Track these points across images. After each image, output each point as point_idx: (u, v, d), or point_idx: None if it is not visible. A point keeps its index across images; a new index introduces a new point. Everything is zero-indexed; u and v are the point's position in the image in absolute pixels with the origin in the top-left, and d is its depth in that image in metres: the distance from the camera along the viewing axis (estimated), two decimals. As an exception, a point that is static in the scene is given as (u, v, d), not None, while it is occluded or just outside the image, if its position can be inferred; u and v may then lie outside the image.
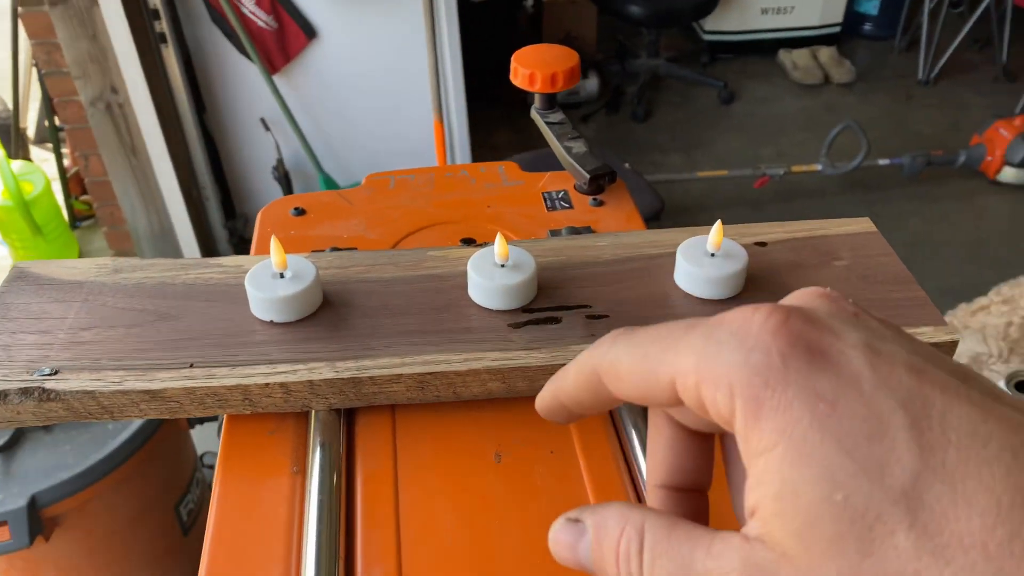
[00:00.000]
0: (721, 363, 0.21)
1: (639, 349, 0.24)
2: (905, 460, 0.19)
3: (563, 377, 0.28)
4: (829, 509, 0.19)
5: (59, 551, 1.23)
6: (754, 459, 0.21)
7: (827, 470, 0.19)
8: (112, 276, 0.52)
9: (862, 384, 0.20)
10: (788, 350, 0.21)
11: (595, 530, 0.24)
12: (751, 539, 0.21)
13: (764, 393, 0.20)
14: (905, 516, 0.18)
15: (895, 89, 3.13)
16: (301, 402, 0.46)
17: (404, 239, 0.61)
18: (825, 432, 0.19)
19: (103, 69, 1.94)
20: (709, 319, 0.23)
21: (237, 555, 0.40)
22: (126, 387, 0.44)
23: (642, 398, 0.24)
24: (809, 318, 0.21)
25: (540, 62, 0.64)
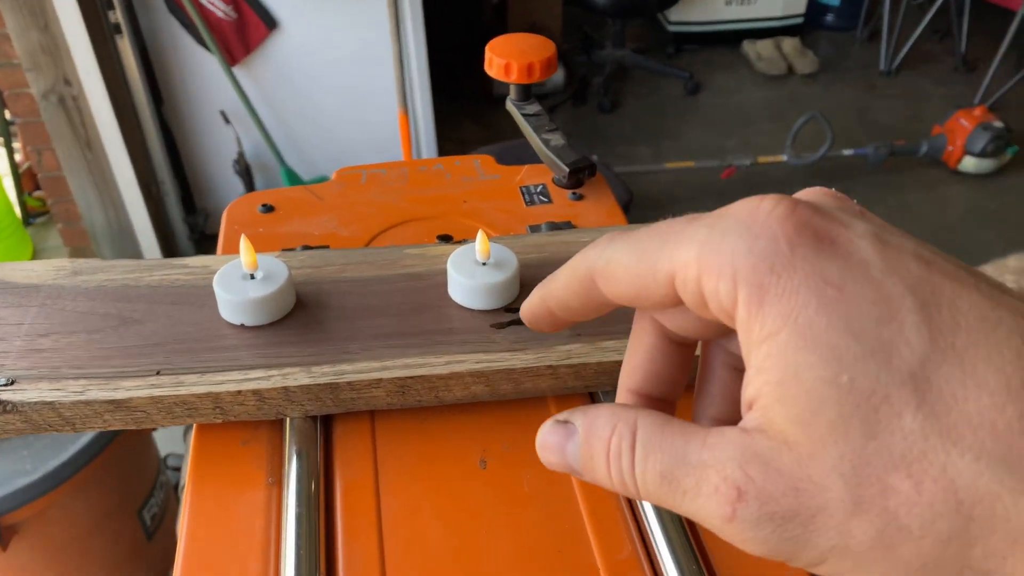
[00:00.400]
0: (725, 251, 0.20)
1: (637, 246, 0.23)
2: (914, 342, 0.18)
3: (553, 281, 0.27)
4: (834, 392, 0.19)
5: (18, 559, 1.19)
6: (756, 347, 0.20)
7: (833, 352, 0.19)
8: (71, 279, 0.49)
9: (871, 270, 0.19)
10: (796, 237, 0.20)
11: (585, 429, 0.24)
12: (749, 430, 0.20)
13: (769, 279, 0.20)
14: (912, 397, 0.18)
15: (858, 80, 3.16)
16: (275, 410, 0.43)
17: (378, 236, 0.58)
18: (832, 315, 0.19)
19: (55, 60, 1.88)
20: (712, 212, 0.22)
21: (210, 571, 0.38)
22: (89, 397, 0.42)
23: (637, 298, 0.24)
24: (816, 209, 0.21)
25: (516, 52, 0.62)
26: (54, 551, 1.22)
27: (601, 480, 0.23)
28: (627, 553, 0.39)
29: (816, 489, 0.19)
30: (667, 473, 0.21)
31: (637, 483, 0.22)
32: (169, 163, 2.15)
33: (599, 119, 2.96)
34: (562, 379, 0.45)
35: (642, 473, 0.22)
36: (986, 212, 2.42)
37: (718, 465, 0.20)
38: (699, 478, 0.21)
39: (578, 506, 0.41)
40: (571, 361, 0.44)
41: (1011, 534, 0.17)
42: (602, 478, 0.23)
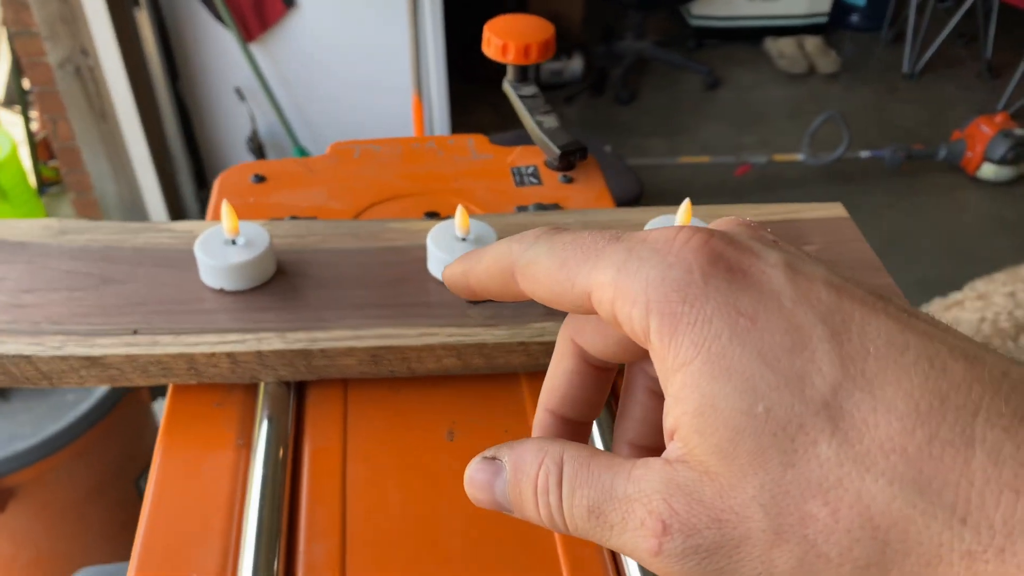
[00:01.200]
0: (640, 278, 0.21)
1: (558, 255, 0.23)
2: (826, 371, 0.19)
3: (477, 260, 0.27)
4: (750, 422, 0.19)
5: (16, 522, 1.21)
6: (671, 375, 0.20)
7: (748, 382, 0.19)
8: (58, 238, 0.50)
9: (782, 299, 0.20)
10: (708, 268, 0.20)
11: (512, 465, 0.24)
12: (672, 461, 0.20)
13: (681, 308, 0.20)
14: (827, 425, 0.18)
15: (879, 81, 3.13)
16: (249, 373, 0.44)
17: (366, 210, 0.59)
18: (746, 345, 0.19)
19: (73, 30, 1.89)
20: (634, 234, 0.22)
21: (175, 528, 0.39)
22: (65, 352, 0.42)
23: (553, 302, 0.24)
24: (731, 240, 0.21)
25: (514, 32, 0.62)
26: (52, 515, 1.24)
27: (530, 516, 0.23)
28: (586, 529, 0.39)
29: (738, 520, 0.19)
30: (594, 508, 0.21)
31: (565, 519, 0.22)
32: (183, 138, 2.16)
33: (616, 110, 2.95)
34: (534, 356, 0.45)
35: (569, 508, 0.22)
36: (1003, 220, 2.40)
37: (643, 498, 0.20)
38: (625, 512, 0.21)
39: (542, 481, 0.41)
40: (543, 338, 0.44)
41: (924, 557, 0.18)
42: (531, 514, 0.23)
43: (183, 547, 0.38)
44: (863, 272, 0.49)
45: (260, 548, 0.37)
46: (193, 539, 0.38)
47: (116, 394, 1.24)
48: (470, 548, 0.39)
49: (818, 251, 0.50)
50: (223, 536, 0.39)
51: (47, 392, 1.23)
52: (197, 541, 0.38)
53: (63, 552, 1.28)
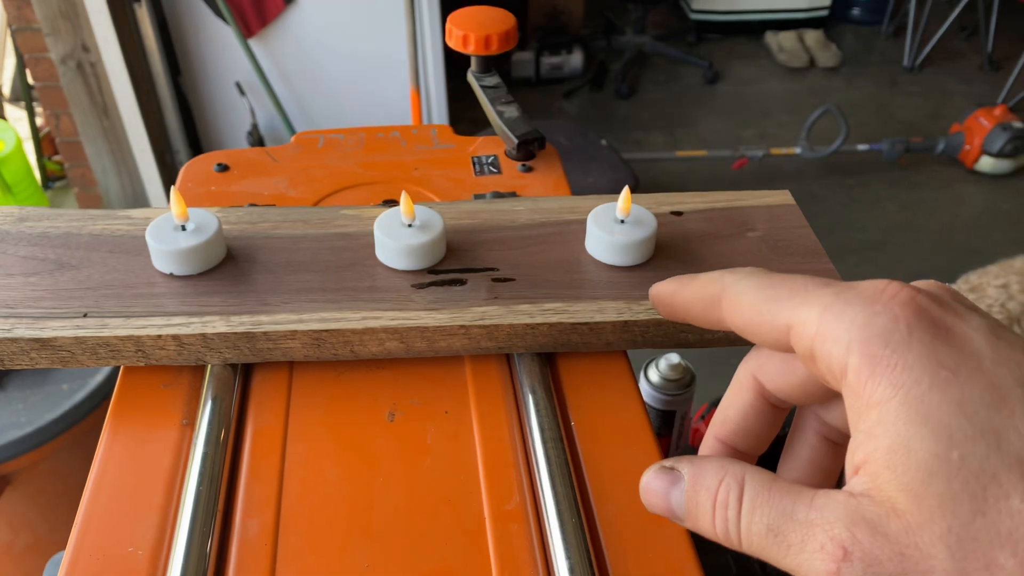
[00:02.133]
0: (844, 320, 0.22)
1: (768, 290, 0.25)
2: (1023, 430, 0.20)
3: (688, 283, 0.29)
4: (944, 466, 0.20)
5: (11, 509, 1.23)
6: (865, 412, 0.21)
7: (945, 429, 0.20)
8: (16, 224, 0.51)
9: (983, 360, 0.21)
10: (914, 321, 0.21)
11: (692, 478, 0.25)
12: (857, 495, 0.21)
13: (883, 352, 0.21)
14: (1021, 481, 0.19)
15: (880, 75, 3.12)
16: (195, 356, 0.45)
17: (326, 198, 0.60)
18: (945, 394, 0.20)
19: (74, 26, 1.91)
20: (844, 282, 0.24)
21: (116, 504, 0.40)
22: (15, 335, 0.44)
23: (751, 333, 0.26)
24: (937, 299, 0.23)
25: (475, 24, 0.63)
26: (48, 502, 1.26)
27: (704, 528, 0.25)
28: (515, 504, 0.40)
29: (922, 556, 0.20)
30: (774, 527, 0.22)
31: (741, 534, 0.23)
32: (184, 132, 2.18)
33: (616, 105, 2.95)
34: (475, 339, 0.46)
35: (748, 525, 0.23)
36: (1000, 213, 2.39)
37: (825, 524, 0.21)
38: (805, 535, 0.22)
39: (476, 459, 0.43)
40: (484, 322, 0.45)
41: None
42: (705, 526, 0.25)
43: (122, 522, 0.39)
44: (804, 258, 0.50)
45: (195, 523, 0.38)
46: (132, 515, 0.40)
47: (111, 383, 1.26)
48: (402, 526, 0.40)
49: (760, 237, 0.51)
50: (162, 512, 0.40)
51: (42, 381, 1.25)
52: (136, 517, 0.40)
53: (59, 539, 1.30)
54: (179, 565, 0.37)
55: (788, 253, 0.50)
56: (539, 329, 0.46)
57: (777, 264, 0.49)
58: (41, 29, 1.92)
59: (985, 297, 1.70)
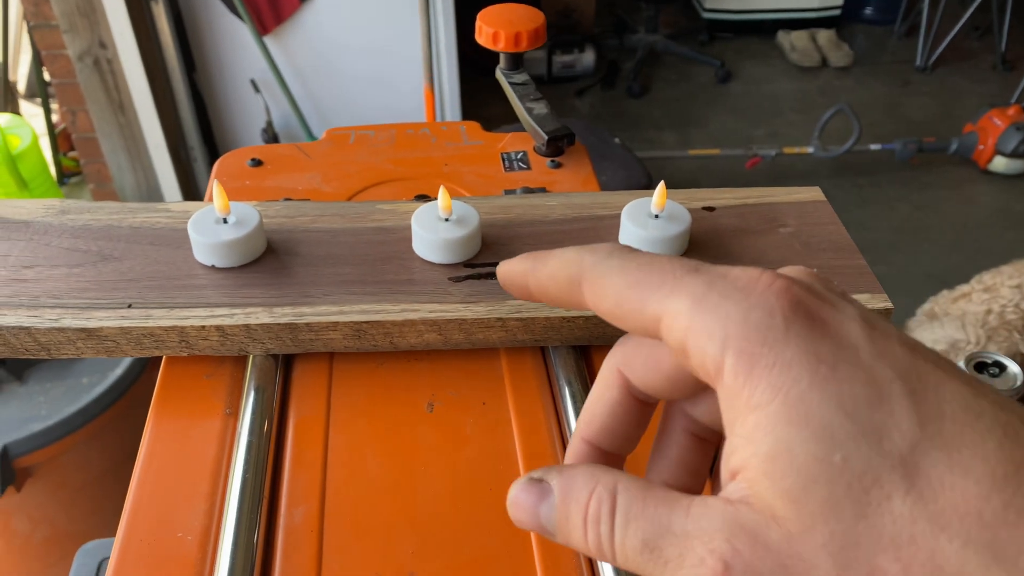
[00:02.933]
0: (719, 314, 0.21)
1: (632, 274, 0.23)
2: (904, 427, 0.19)
3: (542, 262, 0.27)
4: (826, 470, 0.19)
5: (31, 501, 1.24)
6: (743, 416, 0.20)
7: (826, 430, 0.19)
8: (59, 217, 0.52)
9: (860, 353, 0.20)
10: (791, 313, 0.20)
11: (561, 491, 0.23)
12: (734, 501, 0.20)
13: (761, 350, 0.20)
14: (902, 481, 0.18)
15: (892, 74, 3.12)
16: (238, 346, 0.46)
17: (359, 193, 0.61)
18: (825, 393, 0.19)
19: (92, 23, 1.92)
20: (713, 267, 0.22)
21: (163, 491, 0.41)
22: (62, 324, 0.44)
23: (618, 320, 0.24)
24: (811, 289, 0.22)
25: (505, 21, 0.64)
26: (67, 495, 1.27)
27: (576, 543, 0.23)
28: (554, 495, 0.41)
29: (804, 567, 0.19)
30: (649, 542, 0.21)
31: (616, 549, 0.22)
32: (199, 129, 2.19)
33: (627, 103, 2.95)
34: (511, 331, 0.47)
35: (622, 540, 0.22)
36: (1013, 213, 2.39)
37: (703, 536, 0.20)
38: (683, 549, 0.20)
39: (515, 449, 0.43)
40: (521, 315, 0.46)
41: None
42: (577, 541, 0.23)
43: (170, 509, 0.40)
44: (836, 254, 0.50)
45: (243, 511, 0.39)
46: (180, 502, 0.40)
47: (130, 377, 1.27)
48: (444, 515, 0.40)
49: (792, 233, 0.52)
50: (208, 499, 0.41)
51: (63, 375, 1.26)
52: (184, 504, 0.40)
53: (78, 531, 1.32)
54: (228, 551, 0.37)
55: (820, 249, 0.51)
56: (575, 322, 0.47)
57: (811, 260, 0.50)
58: (59, 26, 1.93)
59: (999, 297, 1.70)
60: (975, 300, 1.71)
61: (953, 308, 1.71)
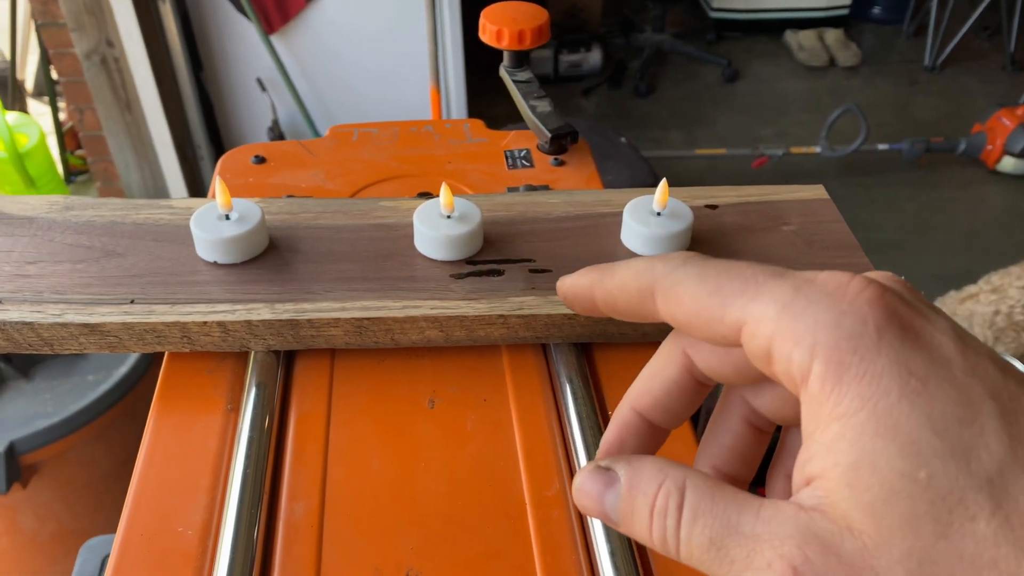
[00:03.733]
0: (808, 320, 0.20)
1: (713, 280, 0.23)
2: (993, 448, 0.18)
3: (609, 274, 0.26)
4: (909, 485, 0.18)
5: (37, 498, 1.24)
6: (826, 423, 0.20)
7: (913, 445, 0.19)
8: (63, 213, 0.52)
9: (953, 368, 0.20)
10: (884, 323, 0.20)
11: (628, 481, 0.23)
12: (807, 509, 0.20)
13: (851, 358, 0.20)
14: (988, 503, 0.18)
15: (900, 74, 3.11)
16: (240, 342, 0.46)
17: (362, 190, 0.61)
18: (915, 407, 0.19)
19: (99, 22, 1.93)
20: (799, 273, 0.22)
21: (164, 485, 0.41)
22: (65, 320, 0.45)
23: (695, 328, 0.24)
24: (903, 298, 0.21)
25: (508, 19, 0.64)
26: (73, 492, 1.27)
27: (640, 535, 0.23)
28: (555, 490, 0.41)
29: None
30: (716, 540, 0.21)
31: (681, 545, 0.22)
32: (205, 128, 2.19)
33: (634, 103, 2.95)
34: (513, 328, 0.47)
35: (688, 536, 0.21)
36: (1022, 214, 2.38)
37: (774, 540, 0.20)
38: (751, 550, 0.20)
39: (516, 446, 0.43)
40: (522, 312, 0.46)
41: None
42: (641, 533, 0.23)
43: (171, 504, 0.40)
44: (838, 252, 0.50)
45: (243, 506, 0.39)
46: (181, 497, 0.41)
47: (136, 375, 1.28)
48: (445, 511, 0.40)
49: (795, 231, 0.52)
50: (209, 494, 0.41)
51: (69, 372, 1.27)
52: (185, 499, 0.40)
53: (83, 528, 1.32)
54: (228, 546, 0.37)
55: (823, 247, 0.51)
56: (576, 320, 0.46)
57: (812, 258, 0.50)
58: (66, 24, 1.94)
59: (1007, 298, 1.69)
60: (983, 301, 1.70)
61: (960, 309, 1.71)
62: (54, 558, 1.34)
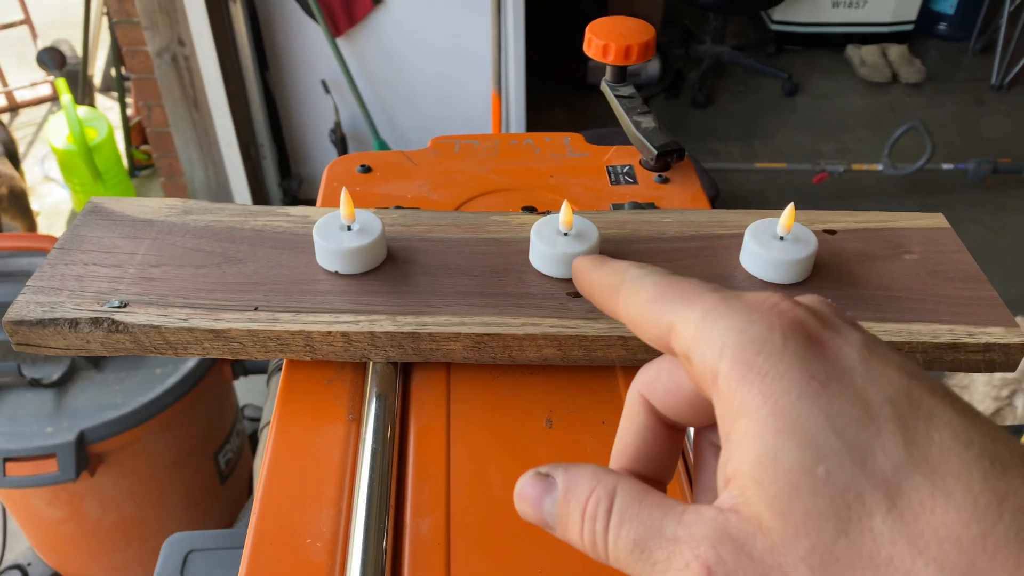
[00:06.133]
0: (722, 325, 0.22)
1: (660, 288, 0.25)
2: (889, 448, 0.19)
3: (598, 266, 0.29)
4: (809, 481, 0.19)
5: (102, 487, 1.27)
6: (734, 421, 0.21)
7: (812, 441, 0.19)
8: (182, 217, 0.53)
9: (855, 375, 0.20)
10: (790, 331, 0.21)
11: (565, 486, 0.24)
12: (725, 510, 0.21)
13: (755, 359, 0.21)
14: (884, 500, 0.19)
15: (966, 92, 3.05)
16: (360, 352, 0.46)
17: (466, 203, 0.61)
18: (814, 407, 0.20)
19: (172, 21, 1.96)
20: (732, 291, 0.24)
21: (290, 495, 0.41)
22: (192, 324, 0.45)
23: (638, 328, 0.26)
24: (814, 312, 0.22)
25: (615, 34, 0.63)
26: (136, 482, 1.29)
27: (572, 539, 0.24)
28: (681, 519, 0.40)
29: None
30: (640, 542, 0.22)
31: (608, 547, 0.23)
32: (269, 128, 2.22)
33: (691, 113, 2.93)
34: (632, 351, 0.46)
35: (615, 539, 0.22)
36: (1092, 239, 2.31)
37: (692, 542, 0.21)
38: (671, 552, 0.21)
39: (637, 471, 0.43)
40: (643, 334, 0.46)
41: None
42: (573, 536, 0.24)
43: (298, 514, 0.40)
44: (964, 284, 0.49)
45: (371, 519, 0.39)
46: (308, 507, 0.41)
47: (201, 370, 1.30)
48: (567, 531, 0.40)
49: (917, 261, 0.51)
50: (335, 506, 0.41)
51: (138, 364, 1.29)
52: (311, 509, 0.41)
53: (144, 518, 1.34)
54: (358, 560, 0.38)
55: (948, 278, 0.50)
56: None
57: (937, 289, 0.49)
58: (140, 22, 1.98)
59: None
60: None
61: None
62: (115, 547, 1.37)
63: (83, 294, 0.47)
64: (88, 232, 0.51)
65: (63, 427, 1.18)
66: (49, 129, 2.23)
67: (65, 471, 1.17)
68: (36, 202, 2.43)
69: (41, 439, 1.16)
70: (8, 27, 2.98)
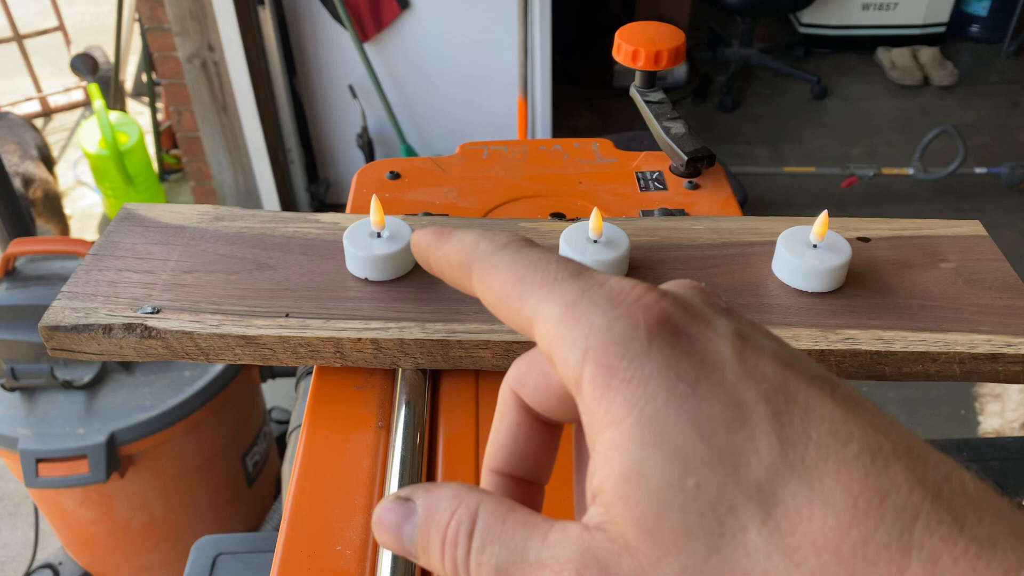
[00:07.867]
0: (583, 324, 0.20)
1: (519, 271, 0.22)
2: (763, 452, 0.18)
3: (442, 241, 0.26)
4: (678, 496, 0.18)
5: (132, 488, 1.28)
6: (600, 432, 0.19)
7: (679, 452, 0.18)
8: (213, 223, 0.53)
9: (726, 371, 0.19)
10: (655, 327, 0.19)
11: (425, 510, 0.22)
12: (591, 528, 0.19)
13: (620, 363, 0.19)
14: (758, 511, 0.17)
15: (999, 95, 3.00)
16: (390, 359, 0.46)
17: (495, 209, 0.61)
18: (681, 412, 0.18)
19: (202, 27, 1.99)
20: (594, 275, 0.21)
21: (320, 502, 0.41)
22: (223, 331, 0.45)
23: (500, 315, 0.23)
24: (683, 304, 0.20)
25: (645, 39, 0.63)
26: (165, 483, 1.31)
27: (434, 567, 0.22)
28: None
29: None
30: (503, 568, 0.20)
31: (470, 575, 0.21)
32: (297, 132, 2.24)
33: (719, 117, 2.91)
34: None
35: (476, 565, 0.21)
36: None
37: (555, 566, 0.19)
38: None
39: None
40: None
41: None
42: (435, 565, 0.22)
43: (329, 521, 0.40)
44: (1002, 293, 0.48)
45: (400, 525, 0.39)
46: (338, 514, 0.41)
47: (230, 373, 1.31)
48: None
49: (954, 269, 0.50)
50: (365, 513, 0.41)
51: (168, 367, 1.30)
52: (341, 516, 0.41)
53: (173, 519, 1.36)
54: (387, 567, 0.37)
55: (985, 288, 0.49)
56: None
57: (975, 299, 0.48)
58: (171, 29, 2.00)
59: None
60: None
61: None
62: (143, 547, 1.38)
63: (117, 300, 0.47)
64: (122, 238, 0.52)
65: (94, 429, 1.20)
66: (82, 134, 2.26)
67: (96, 472, 1.18)
68: (69, 205, 2.46)
69: (72, 440, 1.18)
70: (42, 34, 3.03)
